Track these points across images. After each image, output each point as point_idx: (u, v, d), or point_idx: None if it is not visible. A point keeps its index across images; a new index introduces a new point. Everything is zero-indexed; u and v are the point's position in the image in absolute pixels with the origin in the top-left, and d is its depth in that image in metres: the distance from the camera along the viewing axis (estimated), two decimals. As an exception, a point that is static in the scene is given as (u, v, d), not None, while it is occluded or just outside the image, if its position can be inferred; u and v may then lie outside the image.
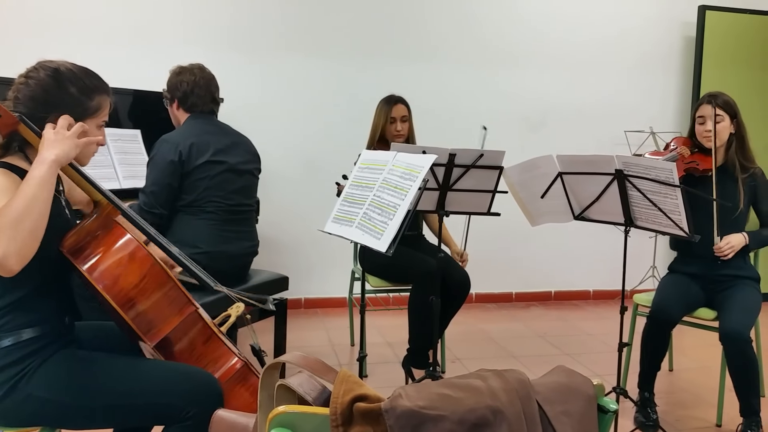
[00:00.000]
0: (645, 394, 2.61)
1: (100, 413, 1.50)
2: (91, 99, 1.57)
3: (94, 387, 1.50)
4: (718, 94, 2.59)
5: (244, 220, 2.69)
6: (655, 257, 4.54)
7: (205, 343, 1.68)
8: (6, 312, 1.49)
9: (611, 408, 0.99)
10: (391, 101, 3.14)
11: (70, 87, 1.54)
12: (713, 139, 2.51)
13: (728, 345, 2.35)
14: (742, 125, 2.58)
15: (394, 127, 3.10)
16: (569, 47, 4.52)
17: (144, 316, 1.52)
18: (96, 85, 1.59)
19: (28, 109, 1.49)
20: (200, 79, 2.62)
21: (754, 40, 4.60)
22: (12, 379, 1.46)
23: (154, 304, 1.54)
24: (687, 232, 2.16)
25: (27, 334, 1.49)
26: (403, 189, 2.04)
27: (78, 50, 3.65)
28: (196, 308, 1.64)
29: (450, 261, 3.00)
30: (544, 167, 2.45)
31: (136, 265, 1.51)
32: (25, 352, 1.48)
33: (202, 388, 1.55)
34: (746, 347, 2.33)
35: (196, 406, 1.50)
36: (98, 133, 1.60)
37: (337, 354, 3.46)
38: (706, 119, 2.56)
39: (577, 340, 3.80)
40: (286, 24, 4.12)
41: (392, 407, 0.86)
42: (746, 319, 2.40)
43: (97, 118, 1.59)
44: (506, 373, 0.95)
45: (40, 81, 1.52)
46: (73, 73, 1.56)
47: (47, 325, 1.52)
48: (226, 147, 2.59)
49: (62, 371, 1.50)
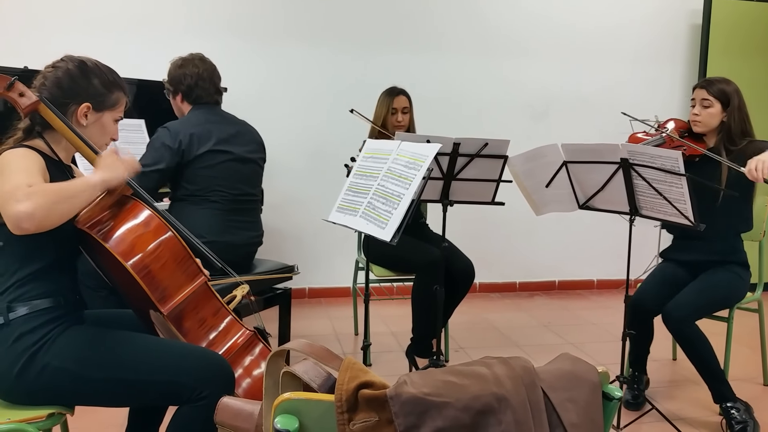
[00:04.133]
0: (635, 373, 2.71)
1: (115, 387, 1.53)
2: (112, 93, 1.69)
3: (111, 360, 1.53)
4: (715, 80, 2.55)
5: (249, 210, 2.69)
6: (659, 246, 4.53)
7: (215, 315, 1.74)
8: (21, 284, 1.54)
9: (616, 395, 0.99)
10: (392, 93, 3.17)
11: (94, 78, 1.66)
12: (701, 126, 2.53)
13: (666, 326, 2.41)
14: (734, 114, 2.51)
15: (395, 118, 3.12)
16: (574, 36, 4.49)
17: (159, 283, 1.58)
18: (117, 81, 1.72)
19: (53, 95, 1.61)
20: (203, 71, 2.61)
21: (761, 29, 4.56)
22: (30, 349, 1.49)
23: (169, 272, 1.60)
24: (692, 221, 2.15)
25: (43, 304, 1.54)
26: (407, 178, 2.04)
27: (81, 40, 3.66)
28: (206, 279, 1.70)
29: (454, 250, 3.00)
30: (549, 156, 2.44)
31: (150, 233, 1.59)
32: (41, 320, 1.52)
33: (215, 369, 1.58)
34: (682, 327, 2.37)
35: (209, 388, 1.53)
36: (114, 128, 1.73)
37: (341, 343, 3.47)
38: (696, 102, 2.57)
39: (581, 330, 3.80)
40: (288, 12, 4.10)
41: (397, 394, 0.86)
42: (692, 300, 2.42)
43: (115, 112, 1.72)
44: (511, 361, 0.95)
45: (68, 70, 1.63)
46: (98, 67, 1.69)
47: (61, 297, 1.58)
48: (229, 136, 2.59)
49: (79, 342, 1.54)
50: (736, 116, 2.52)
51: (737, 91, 2.54)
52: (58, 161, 1.64)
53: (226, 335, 1.73)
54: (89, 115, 1.65)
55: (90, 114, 1.65)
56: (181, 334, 1.65)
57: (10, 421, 1.48)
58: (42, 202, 1.36)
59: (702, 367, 2.43)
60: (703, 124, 2.54)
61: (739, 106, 2.52)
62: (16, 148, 1.54)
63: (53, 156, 1.62)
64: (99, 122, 1.68)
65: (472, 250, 3.10)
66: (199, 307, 1.71)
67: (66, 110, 1.62)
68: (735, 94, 2.53)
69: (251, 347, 1.75)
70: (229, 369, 1.61)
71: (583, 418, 0.94)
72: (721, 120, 2.53)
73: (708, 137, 2.59)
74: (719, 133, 2.55)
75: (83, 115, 1.64)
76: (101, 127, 1.69)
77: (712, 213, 2.41)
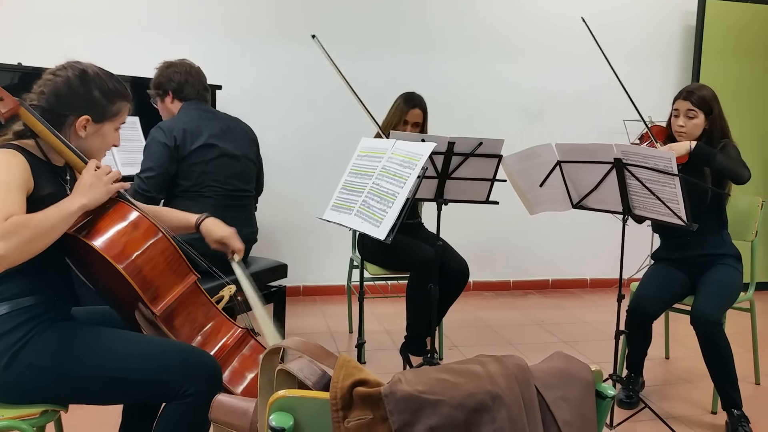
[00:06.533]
0: (631, 375, 2.72)
1: (100, 385, 1.52)
2: (113, 103, 1.64)
3: (93, 358, 1.51)
4: (695, 89, 2.56)
5: (243, 206, 2.69)
6: (652, 246, 4.55)
7: (206, 314, 1.74)
8: (2, 281, 1.51)
9: (609, 394, 1.00)
10: (409, 103, 3.04)
11: (95, 89, 1.60)
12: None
13: (697, 328, 2.38)
14: (716, 122, 2.54)
15: (405, 129, 3.04)
16: (568, 36, 4.50)
17: (151, 283, 1.57)
18: (119, 90, 1.66)
19: (51, 105, 1.55)
20: (191, 68, 2.66)
21: (754, 30, 4.58)
22: (12, 348, 1.47)
23: (160, 271, 1.59)
24: (685, 221, 2.17)
25: (25, 302, 1.51)
26: (402, 177, 2.04)
27: (76, 36, 3.65)
28: (197, 278, 1.69)
29: (448, 249, 3.01)
30: (543, 156, 2.45)
31: (140, 233, 1.58)
32: (23, 318, 1.50)
33: (201, 366, 1.57)
34: (715, 329, 2.35)
35: (194, 385, 1.52)
36: (115, 136, 1.69)
37: (336, 341, 3.47)
38: (680, 113, 2.57)
39: (574, 328, 3.81)
40: (283, 12, 4.10)
41: (392, 392, 0.87)
42: (717, 302, 2.42)
43: (116, 122, 1.67)
44: (505, 359, 0.95)
45: (67, 79, 1.57)
46: (99, 76, 1.62)
47: (44, 295, 1.55)
48: (220, 132, 2.60)
49: (63, 341, 1.52)
50: (717, 123, 2.55)
51: (715, 97, 2.57)
52: (47, 162, 1.58)
53: (217, 334, 1.73)
54: (88, 126, 1.61)
55: (89, 126, 1.61)
56: (172, 334, 1.65)
57: (4, 418, 1.48)
58: (15, 243, 1.32)
59: (721, 372, 2.41)
60: (689, 135, 2.56)
61: (719, 112, 2.56)
62: (1, 148, 1.49)
63: (43, 158, 1.57)
64: (99, 133, 1.64)
65: (466, 249, 3.11)
66: (190, 307, 1.70)
67: (64, 121, 1.57)
68: (714, 100, 2.56)
69: (243, 345, 1.75)
70: (214, 365, 1.60)
71: (577, 416, 0.94)
72: (704, 128, 2.56)
73: None
74: (700, 138, 2.57)
75: (82, 127, 1.60)
76: (101, 138, 1.65)
77: (701, 210, 2.44)
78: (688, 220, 2.16)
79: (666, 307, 2.67)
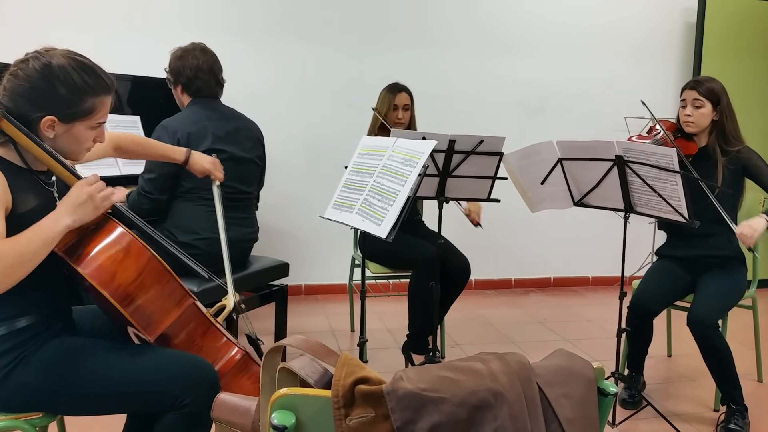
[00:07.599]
0: (632, 374, 2.71)
1: (95, 401, 1.49)
2: (83, 101, 1.45)
3: (87, 376, 1.48)
4: (703, 80, 2.56)
5: (244, 206, 2.69)
6: (654, 243, 4.54)
7: (203, 335, 1.67)
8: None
9: (611, 391, 1.00)
10: (394, 89, 3.13)
11: (60, 87, 1.42)
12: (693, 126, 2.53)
13: (693, 331, 2.37)
14: (725, 113, 2.53)
15: (396, 115, 3.09)
16: (569, 33, 4.50)
17: (143, 310, 1.49)
18: (90, 84, 1.46)
19: (16, 105, 1.41)
20: (203, 63, 2.57)
21: (755, 27, 4.57)
22: (5, 368, 1.44)
23: (153, 298, 1.50)
24: (687, 218, 2.16)
25: (21, 323, 1.46)
26: (403, 175, 2.04)
27: (75, 35, 3.64)
28: (194, 300, 1.63)
29: (450, 247, 3.01)
30: (545, 153, 2.44)
31: (132, 260, 1.47)
32: (18, 340, 1.46)
33: (197, 375, 1.53)
34: (710, 332, 2.34)
35: (191, 394, 1.49)
36: (91, 134, 1.51)
37: (338, 340, 3.47)
38: (687, 103, 2.56)
39: (576, 326, 3.81)
40: (285, 10, 4.09)
41: (394, 389, 0.87)
42: (715, 305, 2.40)
43: (90, 120, 1.49)
44: (507, 356, 0.95)
45: (29, 76, 1.40)
46: (66, 70, 1.42)
47: (41, 314, 1.50)
48: (226, 134, 2.57)
49: (56, 359, 1.47)
50: (727, 114, 2.54)
51: (724, 90, 2.56)
52: (27, 170, 1.47)
53: (215, 356, 1.66)
54: (56, 127, 1.44)
55: (57, 126, 1.44)
56: None
57: (6, 418, 1.48)
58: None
59: (721, 373, 2.41)
60: (696, 125, 2.55)
61: (727, 104, 2.55)
62: None
63: (22, 164, 1.46)
64: (69, 134, 1.47)
65: (467, 247, 3.10)
66: (186, 328, 1.64)
67: (30, 122, 1.41)
68: (723, 92, 2.55)
69: (242, 371, 1.67)
70: (211, 371, 1.57)
71: (578, 414, 0.94)
72: (712, 119, 2.55)
73: (699, 137, 2.59)
74: (711, 132, 2.56)
75: (48, 128, 1.43)
76: (72, 138, 1.48)
77: (707, 209, 2.42)
78: (690, 217, 2.16)
79: (667, 304, 2.67)
